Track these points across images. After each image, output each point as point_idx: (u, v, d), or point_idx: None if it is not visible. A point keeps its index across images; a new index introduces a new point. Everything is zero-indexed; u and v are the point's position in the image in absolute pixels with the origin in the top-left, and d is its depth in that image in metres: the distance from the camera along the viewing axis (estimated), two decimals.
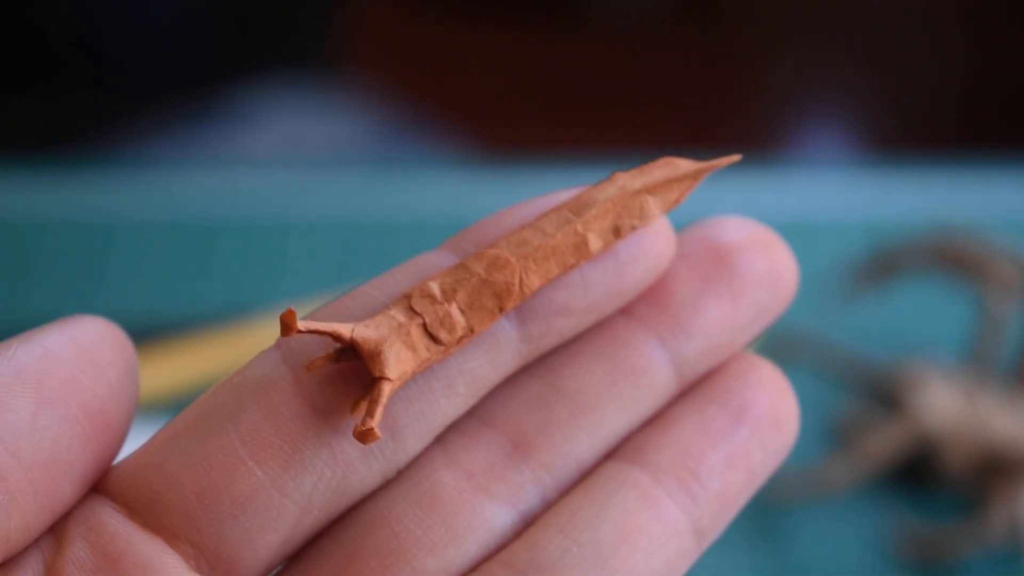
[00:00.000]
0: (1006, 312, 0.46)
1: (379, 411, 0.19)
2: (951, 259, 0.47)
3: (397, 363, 0.19)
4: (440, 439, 0.20)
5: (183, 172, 0.62)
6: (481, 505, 0.20)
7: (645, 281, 0.20)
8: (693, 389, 0.21)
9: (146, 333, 0.49)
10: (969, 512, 0.45)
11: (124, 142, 0.88)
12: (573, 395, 0.20)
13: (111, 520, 0.19)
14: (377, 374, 0.19)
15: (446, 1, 1.45)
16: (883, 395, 0.47)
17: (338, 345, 0.19)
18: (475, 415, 0.20)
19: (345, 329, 0.19)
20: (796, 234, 0.59)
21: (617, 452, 0.21)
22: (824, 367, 0.48)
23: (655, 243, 0.20)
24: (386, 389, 0.19)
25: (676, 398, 0.21)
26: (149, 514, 0.19)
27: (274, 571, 0.20)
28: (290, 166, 0.73)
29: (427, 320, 0.19)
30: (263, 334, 0.50)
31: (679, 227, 0.21)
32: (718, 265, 0.21)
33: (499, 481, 0.20)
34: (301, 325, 0.19)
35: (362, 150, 0.88)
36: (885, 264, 0.49)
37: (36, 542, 0.19)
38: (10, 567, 0.18)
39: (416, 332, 0.19)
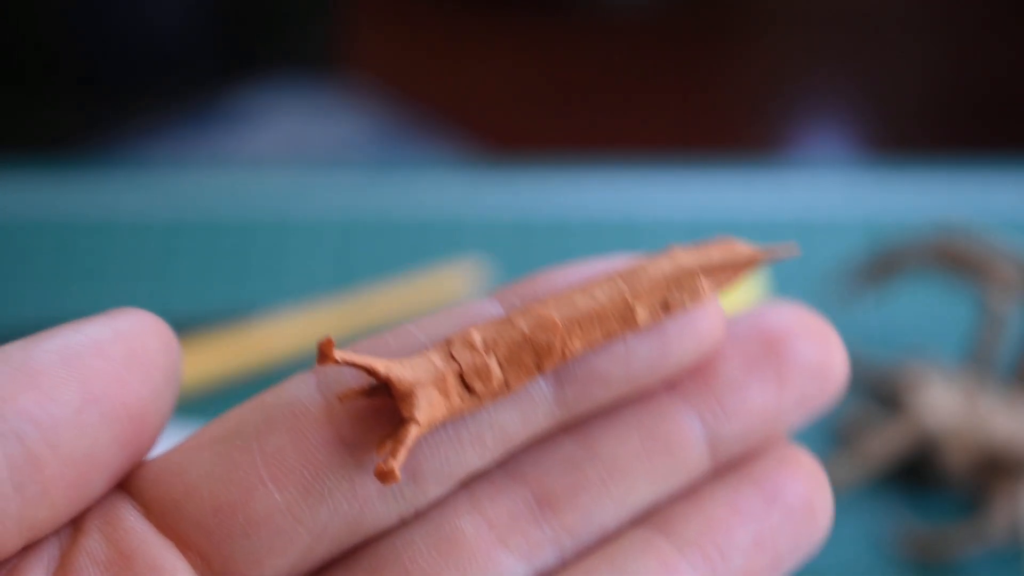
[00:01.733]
0: (1006, 312, 0.46)
1: (403, 453, 0.19)
2: (951, 259, 0.47)
3: (428, 407, 0.19)
4: (467, 487, 0.20)
5: (183, 172, 0.62)
6: (497, 556, 0.20)
7: (690, 359, 0.20)
8: (728, 469, 0.21)
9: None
10: (969, 512, 0.45)
11: (124, 142, 0.88)
12: (605, 460, 0.20)
13: (129, 517, 0.19)
14: (406, 415, 0.19)
15: (446, 2, 1.45)
16: (883, 395, 0.47)
17: (373, 380, 0.19)
18: (505, 468, 0.20)
19: (381, 365, 0.19)
20: (796, 234, 0.59)
21: (643, 519, 0.21)
22: None
23: (704, 323, 0.20)
24: (413, 432, 0.19)
25: (709, 477, 0.21)
26: (165, 518, 0.19)
27: None
28: (290, 166, 0.73)
29: (464, 369, 0.19)
30: (263, 334, 0.50)
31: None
32: (767, 350, 0.21)
33: (519, 535, 0.20)
34: (338, 355, 0.19)
35: (362, 150, 0.88)
36: (885, 264, 0.49)
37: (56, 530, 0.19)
38: (27, 551, 0.19)
39: (452, 379, 0.19)
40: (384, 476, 0.18)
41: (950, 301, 0.52)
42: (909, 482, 0.46)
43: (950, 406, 0.45)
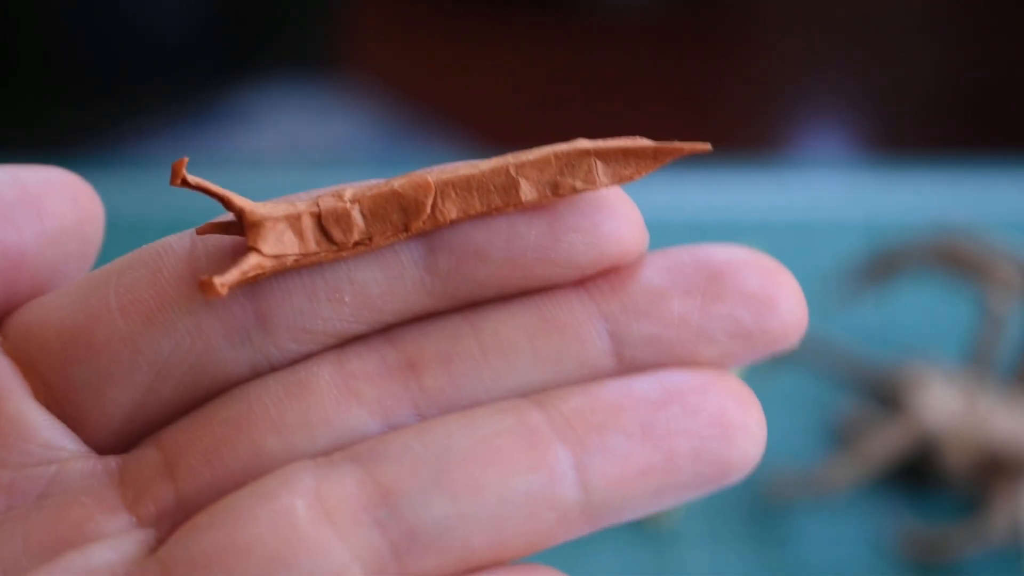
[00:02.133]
0: (1006, 312, 0.46)
1: (233, 271, 0.18)
2: (951, 259, 0.47)
3: (277, 242, 0.18)
4: (340, 347, 0.19)
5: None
6: (348, 406, 0.19)
7: (587, 256, 0.19)
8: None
9: None
10: (969, 512, 0.45)
11: (124, 142, 0.88)
12: (488, 335, 0.19)
13: None
14: (250, 244, 0.18)
15: (446, 2, 1.45)
16: (883, 395, 0.47)
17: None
18: (386, 335, 0.19)
19: (237, 198, 0.19)
20: (796, 234, 0.59)
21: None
22: (824, 367, 0.48)
23: (607, 220, 0.19)
24: (252, 259, 0.18)
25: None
26: (16, 344, 0.19)
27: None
28: (290, 166, 0.73)
29: (323, 213, 0.19)
30: None
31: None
32: (701, 270, 0.19)
33: (377, 390, 0.19)
34: (190, 178, 0.19)
35: (362, 150, 0.88)
36: (885, 264, 0.49)
37: None
38: None
39: (308, 221, 0.19)
40: (204, 286, 0.18)
41: (950, 301, 0.52)
42: (909, 482, 0.46)
43: (950, 406, 0.45)
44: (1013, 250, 0.47)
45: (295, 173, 0.63)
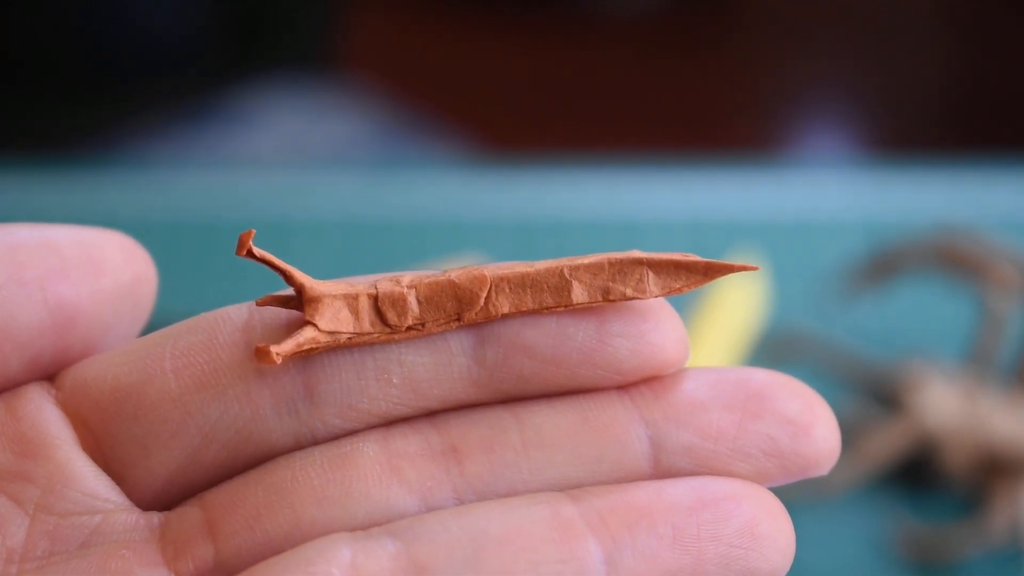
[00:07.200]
0: (1006, 312, 0.46)
1: (289, 342, 0.19)
2: (951, 259, 0.47)
3: (334, 319, 0.19)
4: (386, 427, 0.20)
5: (183, 172, 0.62)
6: (389, 484, 0.19)
7: (630, 363, 0.19)
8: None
9: (145, 333, 0.49)
10: (969, 512, 0.45)
11: (124, 142, 0.88)
12: (531, 429, 0.19)
13: (35, 392, 0.20)
14: (307, 319, 0.19)
15: (445, 2, 1.45)
16: (883, 395, 0.47)
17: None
18: (431, 420, 0.20)
19: (298, 274, 0.19)
20: (796, 234, 0.59)
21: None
22: (824, 367, 0.48)
23: (652, 330, 0.19)
24: (308, 332, 0.19)
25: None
26: (69, 396, 0.20)
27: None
28: (290, 166, 0.73)
29: (380, 295, 0.19)
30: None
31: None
32: (742, 388, 0.19)
33: (418, 471, 0.19)
34: (255, 250, 0.19)
35: (362, 150, 0.88)
36: (885, 264, 0.49)
37: None
38: None
39: (365, 302, 0.19)
40: (259, 352, 0.19)
41: (950, 301, 0.52)
42: (909, 482, 0.46)
43: (950, 406, 0.45)
44: (1013, 250, 0.47)
45: (295, 174, 0.63)
